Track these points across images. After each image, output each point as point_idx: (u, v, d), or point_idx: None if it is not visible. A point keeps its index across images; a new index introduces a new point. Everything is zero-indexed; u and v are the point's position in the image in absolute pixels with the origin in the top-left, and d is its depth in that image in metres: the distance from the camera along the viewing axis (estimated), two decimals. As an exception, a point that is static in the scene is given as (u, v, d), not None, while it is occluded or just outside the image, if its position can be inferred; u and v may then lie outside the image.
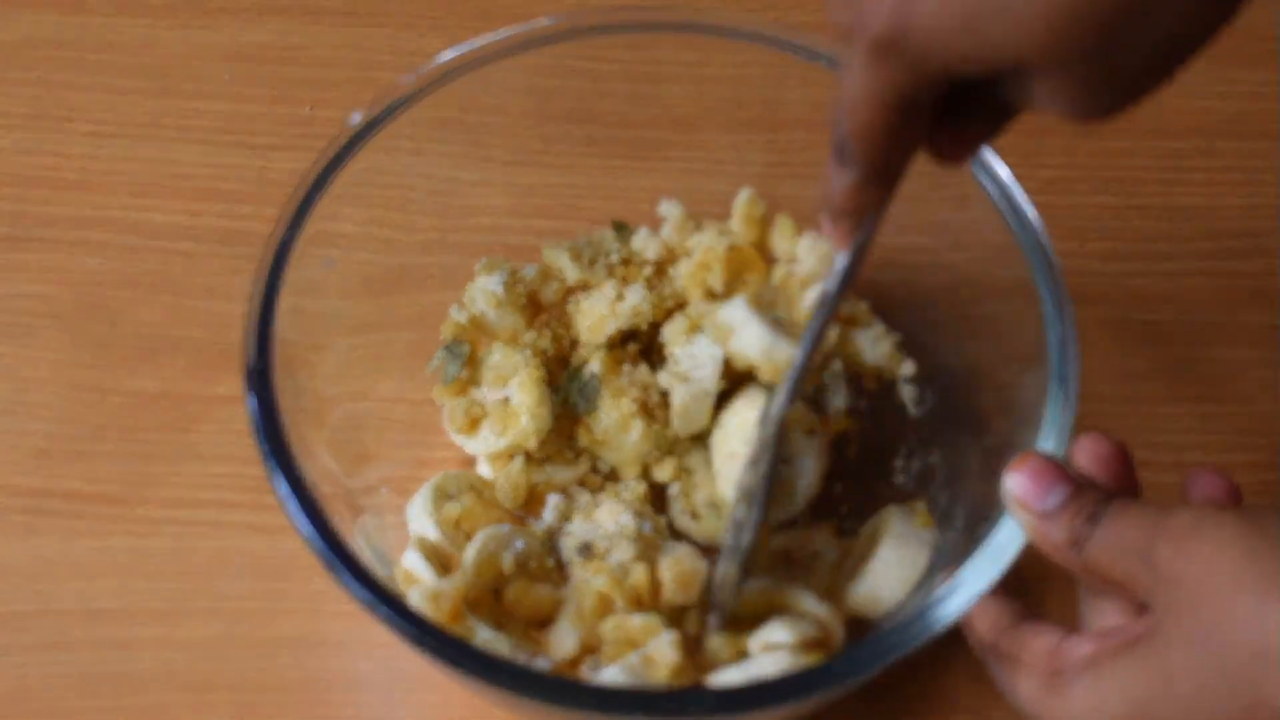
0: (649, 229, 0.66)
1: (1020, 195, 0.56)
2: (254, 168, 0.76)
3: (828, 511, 0.63)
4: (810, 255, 0.64)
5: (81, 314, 0.70)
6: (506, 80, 0.62)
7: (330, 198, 0.56)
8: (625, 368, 0.62)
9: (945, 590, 0.47)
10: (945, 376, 0.63)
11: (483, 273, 0.63)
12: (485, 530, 0.57)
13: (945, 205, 0.60)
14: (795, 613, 0.55)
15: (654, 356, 0.64)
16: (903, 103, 0.40)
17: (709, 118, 0.68)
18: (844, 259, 0.48)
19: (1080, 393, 0.51)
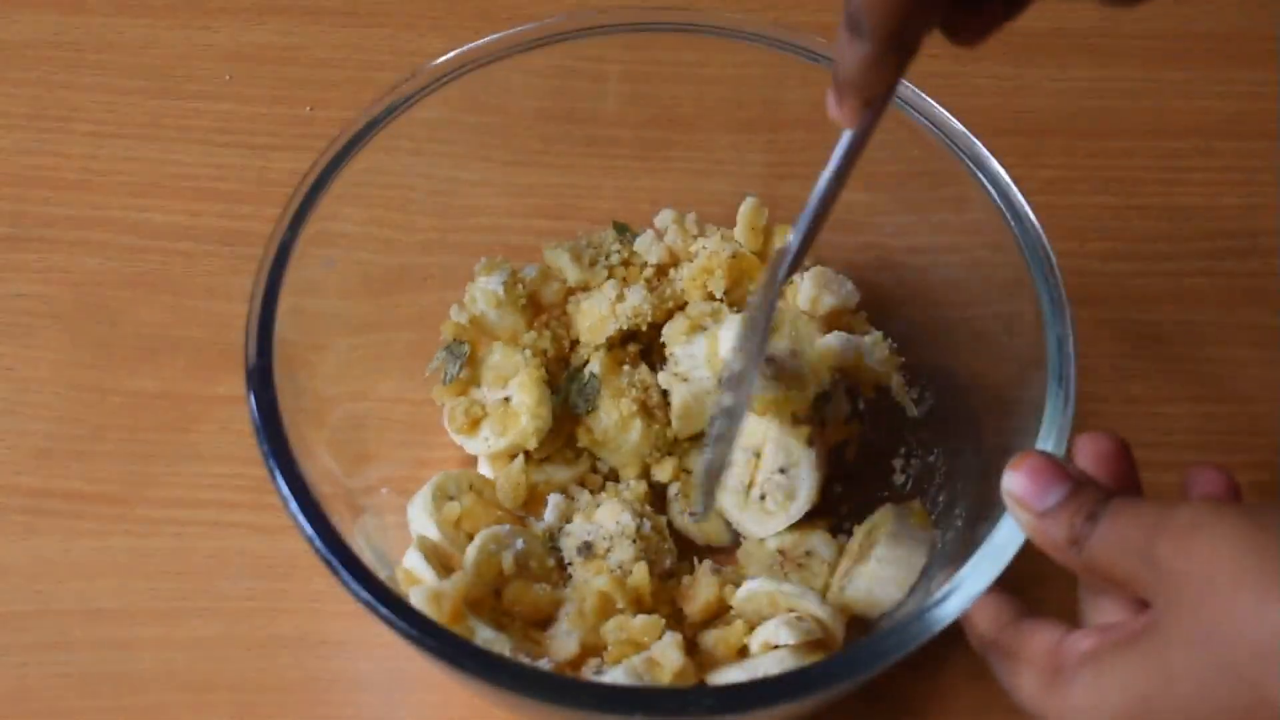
0: (654, 232, 0.66)
1: (1019, 196, 0.56)
2: (254, 168, 0.76)
3: (825, 511, 0.63)
4: (810, 283, 0.64)
5: (81, 314, 0.70)
6: (506, 80, 0.62)
7: (330, 198, 0.56)
8: (625, 368, 0.62)
9: (944, 590, 0.47)
10: (944, 377, 0.63)
11: (483, 273, 0.63)
12: (485, 530, 0.57)
13: (944, 206, 0.60)
14: (796, 613, 0.55)
15: (654, 357, 0.64)
16: None
17: (709, 118, 0.68)
18: (847, 138, 0.46)
19: (1080, 393, 0.51)
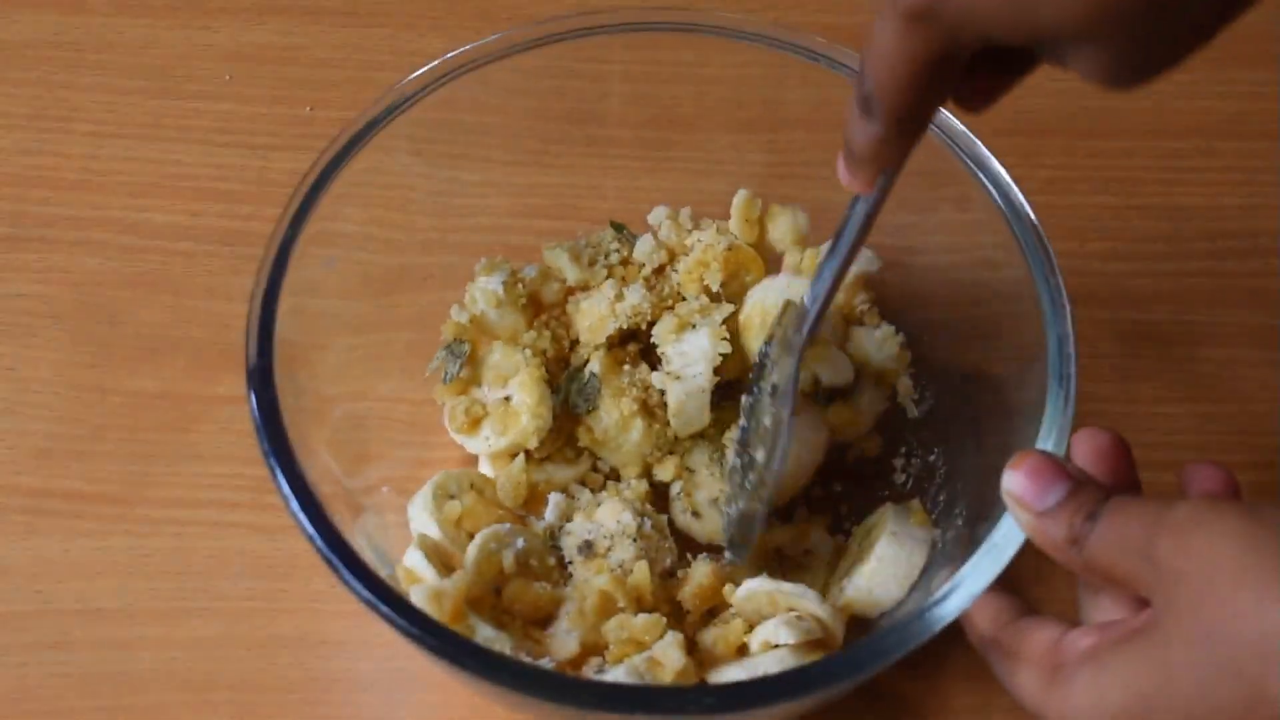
0: (652, 236, 0.66)
1: (1020, 196, 0.56)
2: (254, 168, 0.76)
3: (825, 509, 0.63)
4: None
5: (81, 314, 0.70)
6: (506, 80, 0.62)
7: (331, 197, 0.56)
8: (625, 368, 0.62)
9: (944, 589, 0.47)
10: (945, 376, 0.63)
11: (483, 273, 0.63)
12: (486, 529, 0.57)
13: (945, 206, 0.60)
14: (796, 612, 0.55)
15: (654, 356, 0.64)
16: (933, 65, 0.40)
17: (709, 118, 0.68)
18: (864, 205, 0.49)
19: (1080, 393, 0.51)
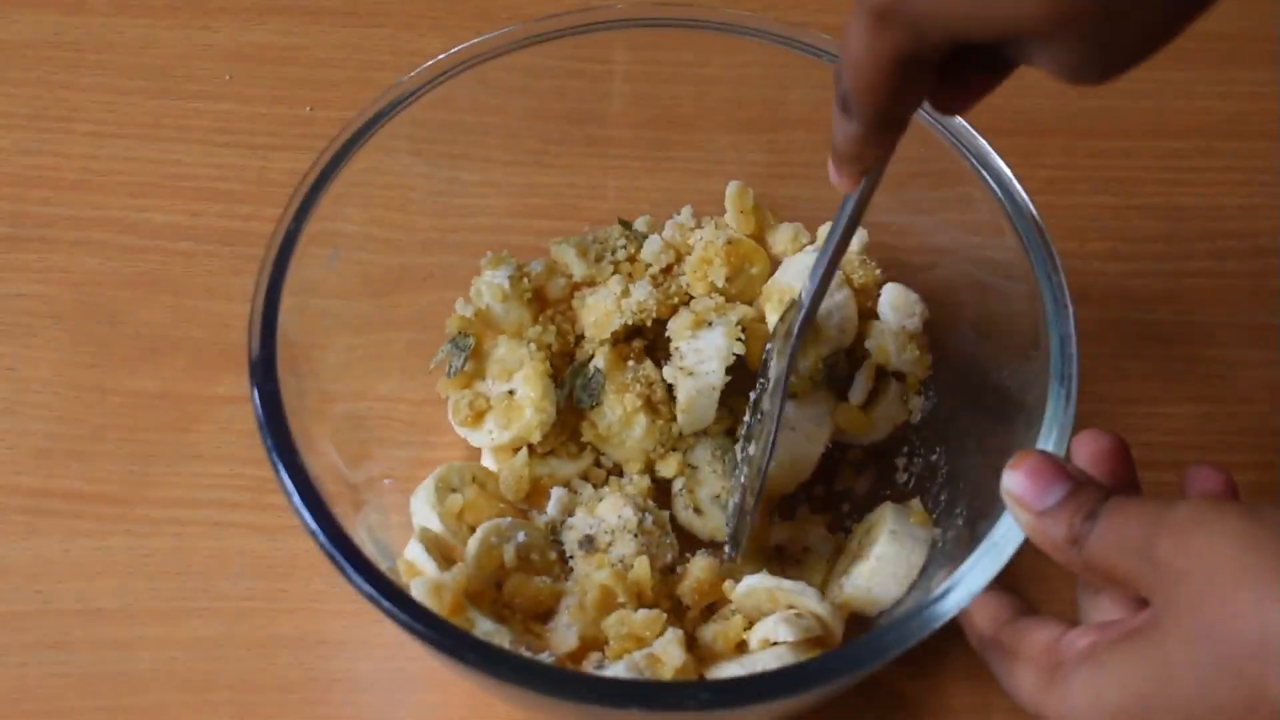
0: (659, 237, 0.66)
1: (1023, 193, 0.56)
2: (254, 168, 0.76)
3: (825, 507, 0.63)
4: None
5: (81, 314, 0.70)
6: (506, 80, 0.62)
7: (331, 197, 0.56)
8: (630, 364, 0.62)
9: (943, 587, 0.47)
10: (947, 376, 0.63)
11: (489, 267, 0.63)
12: (487, 523, 0.57)
13: (946, 206, 0.60)
14: (795, 609, 0.55)
15: (659, 353, 0.64)
16: (904, 64, 0.40)
17: (709, 118, 0.68)
18: (851, 202, 0.49)
19: (1080, 393, 0.51)
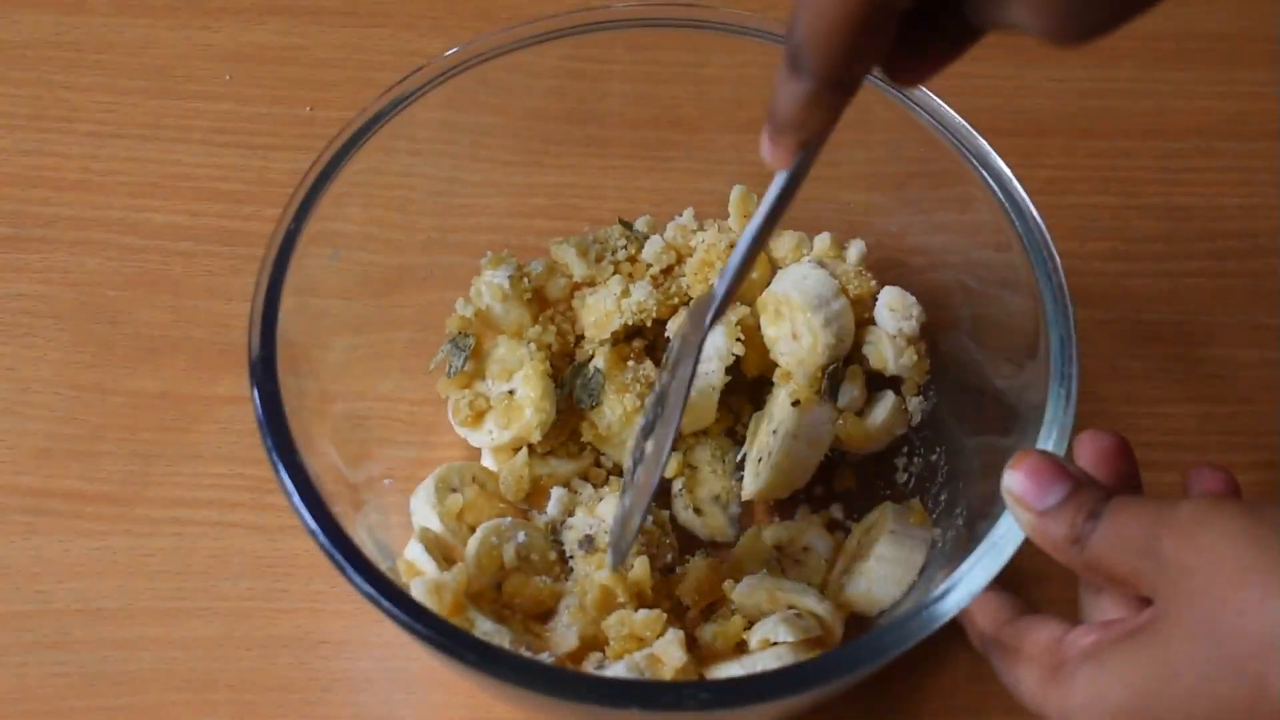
0: (660, 238, 0.66)
1: (1023, 194, 0.56)
2: (254, 168, 0.76)
3: (825, 507, 0.63)
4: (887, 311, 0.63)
5: (81, 314, 0.70)
6: (506, 80, 0.61)
7: (331, 197, 0.56)
8: (629, 364, 0.62)
9: (944, 586, 0.47)
10: (946, 377, 0.63)
11: (489, 267, 0.63)
12: (488, 523, 0.57)
13: (946, 206, 0.61)
14: (795, 609, 0.55)
15: (659, 353, 0.64)
16: (868, 11, 0.37)
17: (709, 118, 0.68)
18: (781, 180, 0.44)
19: (1080, 393, 0.51)
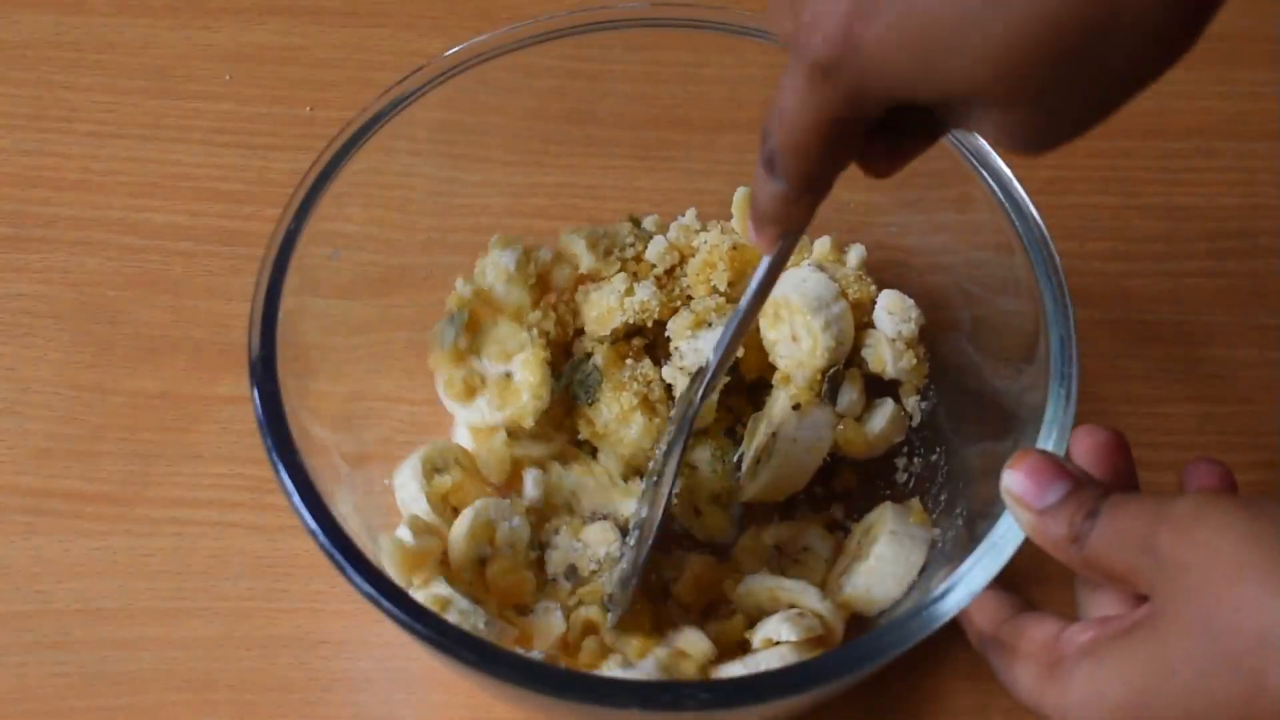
0: (664, 239, 0.66)
1: (1022, 191, 0.56)
2: (254, 168, 0.76)
3: (825, 507, 0.63)
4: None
5: (81, 314, 0.70)
6: (506, 80, 0.61)
7: (331, 197, 0.56)
8: (628, 362, 0.62)
9: (944, 586, 0.47)
10: (946, 377, 0.63)
11: (497, 247, 0.62)
12: (483, 499, 0.57)
13: (947, 206, 0.60)
14: (797, 609, 0.55)
15: (659, 352, 0.64)
16: (838, 124, 0.39)
17: (709, 118, 0.68)
18: (765, 264, 0.48)
19: (1080, 393, 0.51)
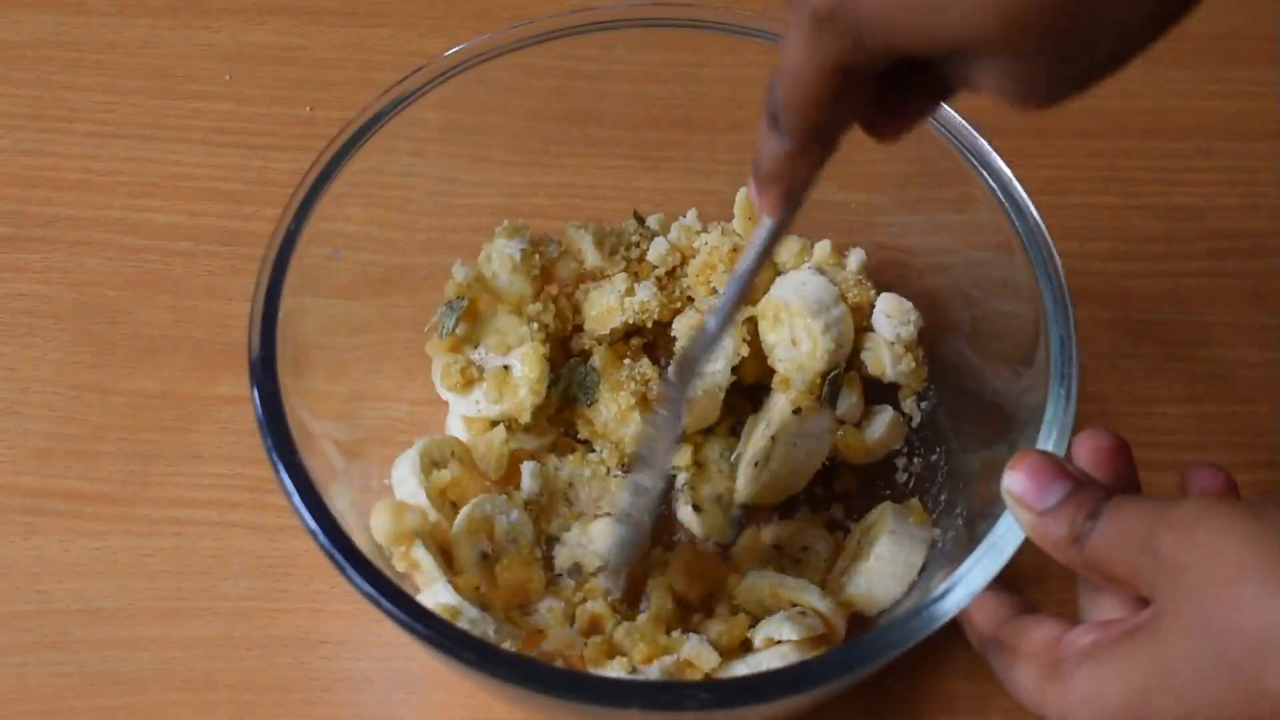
0: (665, 240, 0.66)
1: (1022, 192, 0.56)
2: (254, 168, 0.76)
3: (825, 506, 0.63)
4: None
5: (82, 314, 0.70)
6: (506, 80, 0.62)
7: (331, 197, 0.56)
8: (626, 361, 0.62)
9: (944, 586, 0.47)
10: (947, 376, 0.63)
11: (503, 235, 0.62)
12: (481, 496, 0.58)
13: (947, 206, 0.61)
14: (799, 607, 0.55)
15: (659, 352, 0.64)
16: (841, 76, 0.38)
17: (709, 118, 0.68)
18: (767, 226, 0.46)
19: (1080, 393, 0.51)
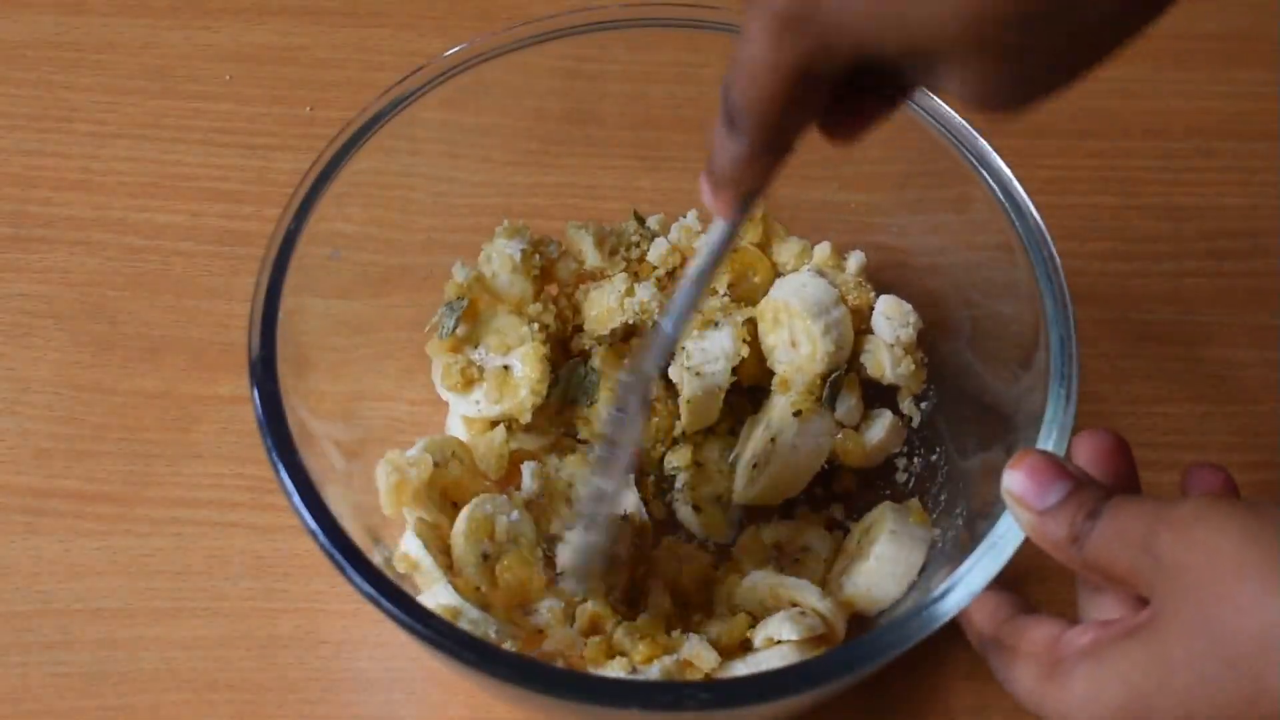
0: (666, 240, 0.66)
1: (1022, 192, 0.56)
2: (254, 168, 0.76)
3: (825, 506, 0.63)
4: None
5: (82, 314, 0.70)
6: (506, 80, 0.62)
7: (331, 197, 0.56)
8: (626, 362, 0.62)
9: (944, 586, 0.47)
10: (947, 376, 0.63)
11: (504, 235, 0.62)
12: (482, 495, 0.58)
13: (946, 206, 0.61)
14: (799, 607, 0.55)
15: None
16: (801, 79, 0.37)
17: (709, 118, 0.68)
18: (721, 229, 0.45)
19: (1080, 393, 0.51)
